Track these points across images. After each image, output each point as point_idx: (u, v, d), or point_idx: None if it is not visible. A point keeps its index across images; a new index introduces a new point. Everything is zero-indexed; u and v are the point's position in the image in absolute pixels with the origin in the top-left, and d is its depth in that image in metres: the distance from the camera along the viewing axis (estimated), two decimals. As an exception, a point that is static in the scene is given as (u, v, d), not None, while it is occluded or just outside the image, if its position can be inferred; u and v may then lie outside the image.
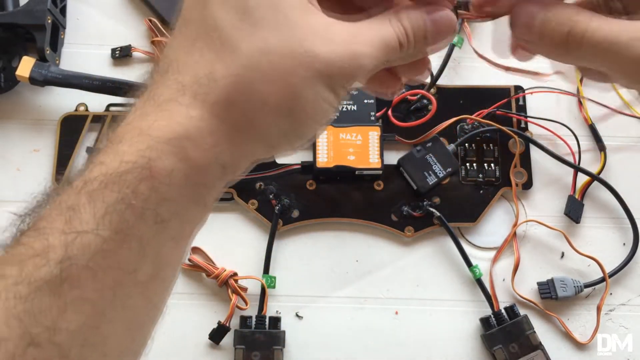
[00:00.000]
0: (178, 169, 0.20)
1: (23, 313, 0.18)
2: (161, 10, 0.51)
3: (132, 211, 0.19)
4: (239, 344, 0.43)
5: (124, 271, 0.19)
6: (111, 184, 0.19)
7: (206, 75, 0.20)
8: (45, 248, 0.18)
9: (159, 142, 0.20)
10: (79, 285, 0.18)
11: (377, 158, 0.45)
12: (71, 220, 0.19)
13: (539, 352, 0.43)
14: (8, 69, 0.49)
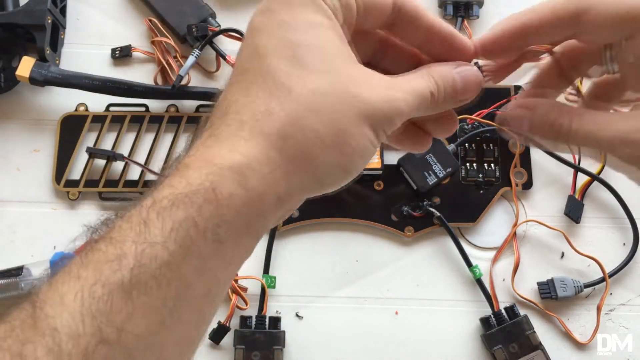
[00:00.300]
0: (237, 194, 0.22)
1: (97, 312, 0.19)
2: (161, 10, 0.51)
3: (196, 229, 0.21)
4: (239, 344, 0.43)
5: (183, 284, 0.21)
6: (178, 203, 0.21)
7: (262, 112, 0.23)
8: (119, 255, 0.20)
9: (222, 169, 0.22)
10: (146, 293, 0.20)
11: (377, 158, 0.45)
12: (141, 233, 0.21)
13: (539, 352, 0.43)
14: (8, 69, 0.49)
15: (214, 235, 0.21)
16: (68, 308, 0.19)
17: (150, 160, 0.49)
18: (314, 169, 0.23)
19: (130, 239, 0.20)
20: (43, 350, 0.18)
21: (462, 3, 0.51)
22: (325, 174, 0.24)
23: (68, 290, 0.20)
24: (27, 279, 0.44)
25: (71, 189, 0.48)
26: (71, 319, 0.19)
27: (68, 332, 0.19)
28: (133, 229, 0.21)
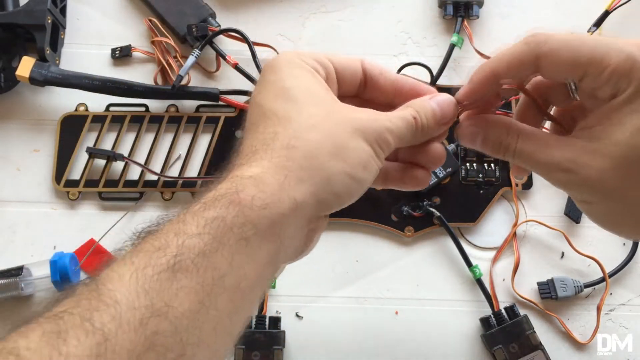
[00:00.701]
0: (258, 197, 0.25)
1: (149, 289, 0.23)
2: (161, 10, 0.51)
3: (224, 225, 0.25)
4: (239, 344, 0.43)
5: (217, 273, 0.24)
6: (209, 206, 0.25)
7: (270, 137, 0.27)
8: (164, 245, 0.24)
9: (243, 179, 0.26)
10: (187, 276, 0.24)
11: (377, 158, 0.45)
12: (180, 230, 0.25)
13: (539, 352, 0.43)
14: (8, 69, 0.49)
15: (240, 231, 0.25)
16: (126, 285, 0.23)
17: (150, 160, 0.49)
18: (322, 175, 0.27)
19: (172, 233, 0.24)
20: (108, 317, 0.22)
21: (462, 3, 0.51)
22: (334, 182, 0.27)
23: (125, 272, 0.23)
24: (27, 279, 0.44)
25: (71, 189, 0.48)
26: (129, 294, 0.22)
27: (127, 304, 0.22)
28: (173, 228, 0.25)
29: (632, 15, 0.52)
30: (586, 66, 0.28)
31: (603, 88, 0.28)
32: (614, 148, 0.28)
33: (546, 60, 0.29)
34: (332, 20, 0.53)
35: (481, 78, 0.31)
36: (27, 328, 0.22)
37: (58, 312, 0.22)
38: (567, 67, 0.29)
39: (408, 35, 0.52)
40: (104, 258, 0.46)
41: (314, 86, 0.30)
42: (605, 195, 0.30)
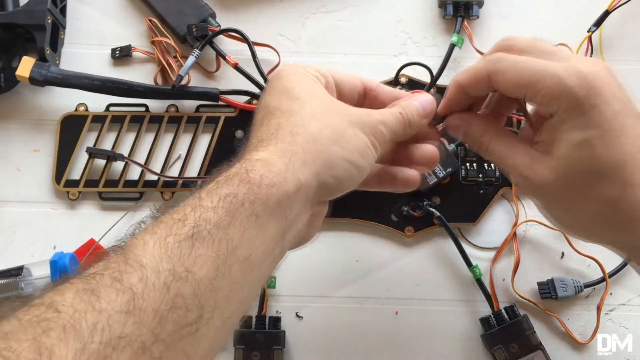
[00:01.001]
0: (266, 175, 0.28)
1: (171, 255, 0.25)
2: (161, 10, 0.51)
3: (237, 201, 0.27)
4: (239, 344, 0.43)
5: (230, 244, 0.27)
6: (222, 184, 0.28)
7: (275, 128, 0.31)
8: (183, 217, 0.26)
9: (252, 161, 0.29)
10: (204, 245, 0.26)
11: (377, 158, 0.45)
12: (197, 204, 0.27)
13: (539, 352, 0.43)
14: (8, 69, 0.49)
15: (250, 207, 0.27)
16: (150, 250, 0.25)
17: (150, 160, 0.49)
18: (324, 158, 0.30)
19: (189, 207, 0.27)
20: (135, 279, 0.24)
21: (462, 3, 0.51)
22: (334, 165, 0.31)
23: (148, 239, 0.25)
24: (27, 279, 0.44)
25: (71, 189, 0.48)
26: (153, 259, 0.25)
27: (152, 267, 0.24)
28: (190, 203, 0.27)
29: (632, 15, 0.52)
30: (525, 88, 0.32)
31: (541, 108, 0.32)
32: (556, 162, 0.32)
33: (496, 78, 0.33)
34: (332, 20, 0.53)
35: (452, 93, 0.36)
36: (62, 287, 0.23)
37: (89, 274, 0.24)
38: (511, 87, 0.32)
39: (408, 35, 0.52)
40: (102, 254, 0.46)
41: (315, 87, 0.33)
42: (555, 203, 0.33)
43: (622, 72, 0.52)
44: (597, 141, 0.31)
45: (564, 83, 0.31)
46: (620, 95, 0.33)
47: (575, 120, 0.31)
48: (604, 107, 0.31)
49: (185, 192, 0.48)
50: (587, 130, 0.31)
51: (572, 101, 0.31)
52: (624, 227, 0.32)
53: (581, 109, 0.31)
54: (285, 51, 0.51)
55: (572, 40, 0.51)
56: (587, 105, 0.31)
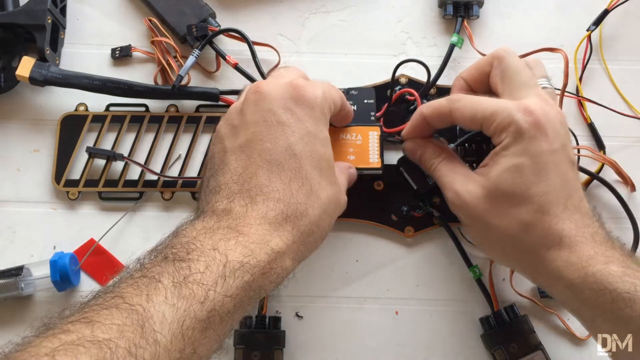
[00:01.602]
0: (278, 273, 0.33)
1: (185, 336, 0.27)
2: (161, 10, 0.51)
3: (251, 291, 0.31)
4: (239, 344, 0.43)
5: (232, 325, 0.31)
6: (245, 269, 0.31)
7: (302, 212, 0.34)
8: (204, 299, 0.29)
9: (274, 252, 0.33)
10: (214, 331, 0.29)
11: (377, 158, 0.45)
12: (220, 286, 0.29)
13: (538, 352, 0.43)
14: (8, 69, 0.49)
15: (257, 294, 0.32)
16: (167, 328, 0.27)
17: (150, 160, 0.49)
18: (312, 249, 0.36)
19: (212, 288, 0.29)
20: (149, 356, 0.26)
21: (462, 3, 0.51)
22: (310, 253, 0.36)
23: (167, 314, 0.27)
24: (27, 279, 0.44)
25: (71, 188, 0.48)
26: (167, 337, 0.27)
27: (164, 346, 0.27)
28: (214, 280, 0.29)
29: (631, 14, 0.52)
30: (481, 121, 0.37)
31: (493, 138, 0.38)
32: (487, 182, 0.37)
33: (455, 114, 0.39)
34: (332, 20, 0.53)
35: (416, 122, 0.42)
36: (76, 350, 0.24)
37: (103, 340, 0.25)
38: (468, 122, 0.38)
39: (408, 35, 0.52)
40: (104, 260, 0.46)
41: (330, 158, 0.38)
42: (476, 219, 0.38)
43: (622, 71, 0.53)
44: (527, 169, 0.36)
45: (512, 116, 0.36)
46: (562, 137, 0.37)
47: (515, 147, 0.36)
48: (542, 142, 0.36)
49: (185, 191, 0.48)
50: (522, 157, 0.36)
51: (517, 131, 0.36)
52: (532, 252, 0.36)
53: (522, 138, 0.36)
54: (285, 51, 0.51)
55: (572, 39, 0.51)
56: (528, 136, 0.36)
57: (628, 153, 0.49)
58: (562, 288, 0.36)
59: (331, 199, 0.36)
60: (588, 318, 0.36)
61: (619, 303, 0.33)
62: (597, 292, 0.34)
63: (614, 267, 0.34)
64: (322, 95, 0.37)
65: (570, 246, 0.35)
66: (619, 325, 0.34)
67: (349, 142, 0.45)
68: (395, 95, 0.48)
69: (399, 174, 0.47)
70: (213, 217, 0.33)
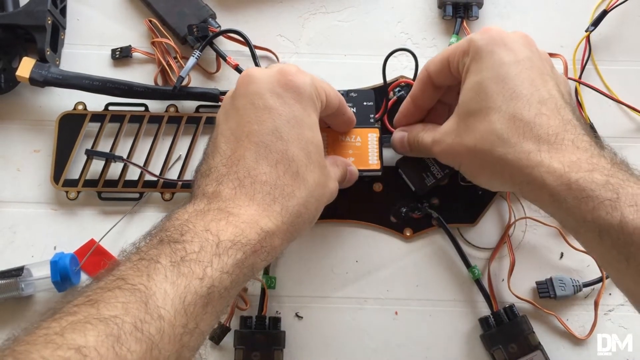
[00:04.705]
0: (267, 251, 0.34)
1: (187, 311, 0.28)
2: (161, 11, 0.51)
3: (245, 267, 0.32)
4: (239, 344, 0.43)
5: (229, 300, 0.32)
6: (238, 247, 0.32)
7: (289, 193, 0.35)
8: (203, 276, 0.30)
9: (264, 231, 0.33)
10: (213, 306, 0.30)
11: (377, 159, 0.45)
12: (216, 263, 0.30)
13: (538, 352, 0.43)
14: (8, 70, 0.49)
15: (251, 271, 0.33)
16: (170, 304, 0.28)
17: (150, 161, 0.49)
18: (300, 231, 0.36)
19: (209, 265, 0.30)
20: (154, 330, 0.26)
21: (462, 4, 0.51)
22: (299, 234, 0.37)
23: (169, 291, 0.28)
24: (28, 279, 0.45)
25: (70, 189, 0.48)
26: (171, 312, 0.27)
27: (169, 321, 0.27)
28: (210, 259, 0.30)
29: (629, 14, 0.52)
30: (447, 57, 0.39)
31: (458, 68, 0.38)
32: (456, 112, 0.38)
33: (430, 69, 0.41)
34: (332, 21, 0.53)
35: (405, 107, 0.45)
36: (83, 327, 0.25)
37: (109, 317, 0.26)
38: (439, 65, 0.40)
39: (408, 35, 0.52)
40: (104, 260, 0.46)
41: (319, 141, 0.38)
42: (461, 153, 0.38)
43: (621, 71, 0.53)
44: (489, 81, 0.36)
45: (470, 38, 0.37)
46: (521, 52, 0.37)
47: (475, 65, 0.37)
48: (502, 54, 0.36)
49: (185, 192, 0.48)
50: (482, 72, 0.36)
51: (475, 50, 0.37)
52: (513, 162, 0.35)
53: (480, 55, 0.36)
54: (285, 52, 0.51)
55: (571, 39, 0.51)
56: (486, 51, 0.36)
57: (628, 153, 0.49)
58: (546, 197, 0.34)
59: (318, 182, 0.36)
60: (572, 228, 0.34)
61: (600, 211, 0.31)
62: (580, 200, 0.32)
63: (597, 175, 0.32)
64: (310, 82, 0.37)
65: (549, 150, 0.34)
66: (603, 235, 0.31)
67: (348, 144, 0.45)
68: (391, 87, 0.49)
69: (398, 176, 0.47)
70: (203, 200, 0.34)
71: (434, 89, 0.42)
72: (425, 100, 0.43)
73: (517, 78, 0.35)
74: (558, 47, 0.51)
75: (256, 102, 0.36)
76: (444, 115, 0.44)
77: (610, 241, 0.31)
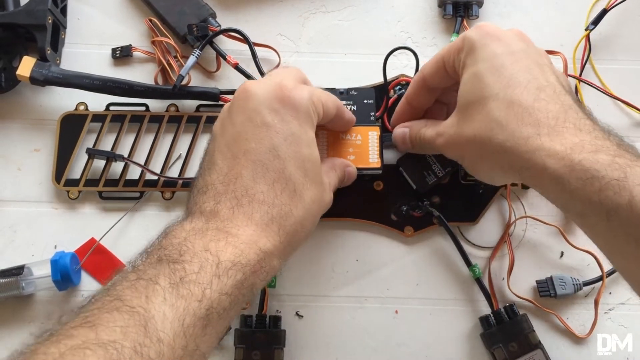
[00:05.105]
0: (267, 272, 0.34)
1: (186, 333, 0.28)
2: (161, 10, 0.51)
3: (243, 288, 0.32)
4: (240, 343, 0.43)
5: (228, 321, 0.32)
6: (238, 268, 0.32)
7: (286, 212, 0.35)
8: (202, 298, 0.30)
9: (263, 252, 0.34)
10: (213, 327, 0.30)
11: (377, 158, 0.45)
12: (215, 284, 0.30)
13: (538, 351, 0.43)
14: (9, 69, 0.50)
15: (250, 292, 0.33)
16: (168, 327, 0.28)
17: (151, 160, 0.49)
18: (297, 247, 0.37)
19: (208, 287, 0.30)
20: (154, 354, 0.27)
21: (462, 3, 0.51)
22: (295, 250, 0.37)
23: (168, 314, 0.28)
24: (28, 278, 0.45)
25: (71, 188, 0.48)
26: (170, 335, 0.28)
27: (168, 343, 0.27)
28: (209, 279, 0.30)
29: (629, 13, 0.52)
30: (442, 57, 0.40)
31: (455, 66, 0.39)
32: (457, 105, 0.38)
33: (425, 71, 0.41)
34: (332, 20, 0.53)
35: (401, 108, 0.45)
36: (83, 353, 0.25)
37: (108, 341, 0.26)
38: (434, 66, 0.40)
39: (408, 35, 0.52)
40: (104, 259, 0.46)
41: (317, 158, 0.38)
42: (462, 146, 0.38)
43: (620, 70, 0.53)
44: (485, 71, 0.36)
45: (464, 35, 0.38)
46: (515, 45, 0.37)
47: (470, 58, 0.37)
48: (496, 46, 0.36)
49: (185, 191, 0.48)
50: (478, 64, 0.36)
51: (470, 44, 0.37)
52: (513, 148, 0.34)
53: (475, 48, 0.37)
54: (285, 51, 0.51)
55: (571, 38, 0.51)
56: (480, 45, 0.37)
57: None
58: (548, 181, 0.33)
59: (314, 199, 0.37)
60: (578, 212, 0.32)
61: (607, 191, 0.30)
62: (584, 181, 0.31)
63: (602, 156, 0.31)
64: (308, 97, 0.37)
65: (550, 134, 0.33)
66: (611, 216, 0.30)
67: (348, 142, 0.45)
68: (391, 86, 0.49)
69: (398, 174, 0.47)
70: (201, 218, 0.34)
71: (429, 91, 0.42)
72: (421, 102, 0.43)
73: (513, 67, 0.35)
74: (558, 46, 0.51)
75: (254, 119, 0.36)
76: (441, 114, 0.44)
77: (619, 222, 0.30)
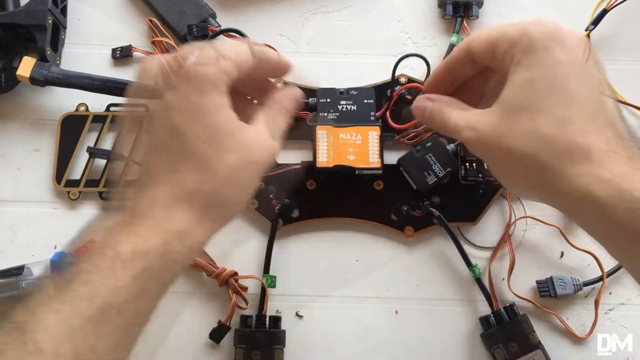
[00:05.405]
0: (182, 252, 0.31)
1: (75, 337, 0.27)
2: (161, 11, 0.51)
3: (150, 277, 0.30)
4: (240, 344, 0.43)
5: (142, 313, 0.30)
6: (138, 257, 0.29)
7: (192, 189, 0.32)
8: (92, 295, 0.28)
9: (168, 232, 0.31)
10: (112, 322, 0.28)
11: (377, 158, 0.45)
12: (110, 278, 0.28)
13: (538, 351, 0.43)
14: (9, 69, 0.50)
15: (162, 277, 0.30)
16: (51, 334, 0.26)
17: (151, 160, 0.49)
18: (224, 218, 0.34)
19: (101, 283, 0.28)
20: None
21: (462, 3, 0.51)
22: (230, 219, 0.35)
23: (50, 322, 0.26)
24: (28, 278, 0.45)
25: (71, 188, 0.48)
26: (53, 344, 0.26)
27: (51, 352, 0.26)
28: (103, 275, 0.28)
29: (629, 13, 0.52)
30: (495, 40, 0.34)
31: (505, 57, 0.34)
32: (500, 105, 0.34)
33: (473, 44, 0.35)
34: (332, 20, 0.53)
35: (440, 71, 0.39)
36: None
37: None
38: (484, 45, 0.35)
39: (408, 35, 0.52)
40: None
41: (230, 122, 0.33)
42: (494, 148, 0.34)
43: (620, 70, 0.53)
44: (542, 81, 0.32)
45: (525, 28, 0.33)
46: (577, 50, 0.33)
47: (527, 59, 0.33)
48: (558, 52, 0.32)
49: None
50: (535, 69, 0.32)
51: (529, 43, 0.33)
52: (556, 170, 0.31)
53: (534, 49, 0.32)
54: (285, 51, 0.51)
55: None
56: (541, 47, 0.32)
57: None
58: (591, 210, 0.30)
59: (236, 164, 0.33)
60: (624, 245, 0.30)
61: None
62: (635, 212, 0.29)
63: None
64: (204, 61, 0.33)
65: (601, 161, 0.30)
66: None
67: (348, 142, 0.45)
68: (396, 93, 0.48)
69: (398, 174, 0.47)
70: (107, 216, 0.33)
71: (472, 63, 0.37)
72: (460, 70, 0.38)
73: (573, 82, 0.32)
74: (558, 46, 0.51)
75: (156, 102, 0.34)
76: (473, 100, 0.40)
77: None
